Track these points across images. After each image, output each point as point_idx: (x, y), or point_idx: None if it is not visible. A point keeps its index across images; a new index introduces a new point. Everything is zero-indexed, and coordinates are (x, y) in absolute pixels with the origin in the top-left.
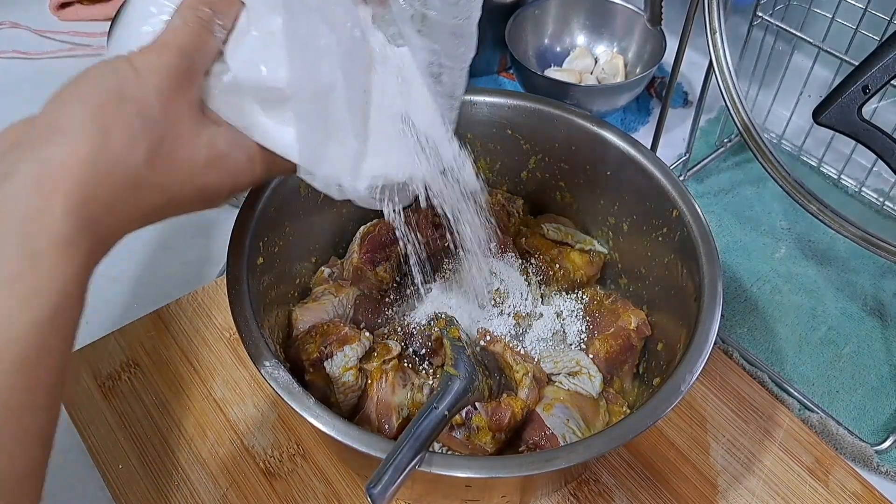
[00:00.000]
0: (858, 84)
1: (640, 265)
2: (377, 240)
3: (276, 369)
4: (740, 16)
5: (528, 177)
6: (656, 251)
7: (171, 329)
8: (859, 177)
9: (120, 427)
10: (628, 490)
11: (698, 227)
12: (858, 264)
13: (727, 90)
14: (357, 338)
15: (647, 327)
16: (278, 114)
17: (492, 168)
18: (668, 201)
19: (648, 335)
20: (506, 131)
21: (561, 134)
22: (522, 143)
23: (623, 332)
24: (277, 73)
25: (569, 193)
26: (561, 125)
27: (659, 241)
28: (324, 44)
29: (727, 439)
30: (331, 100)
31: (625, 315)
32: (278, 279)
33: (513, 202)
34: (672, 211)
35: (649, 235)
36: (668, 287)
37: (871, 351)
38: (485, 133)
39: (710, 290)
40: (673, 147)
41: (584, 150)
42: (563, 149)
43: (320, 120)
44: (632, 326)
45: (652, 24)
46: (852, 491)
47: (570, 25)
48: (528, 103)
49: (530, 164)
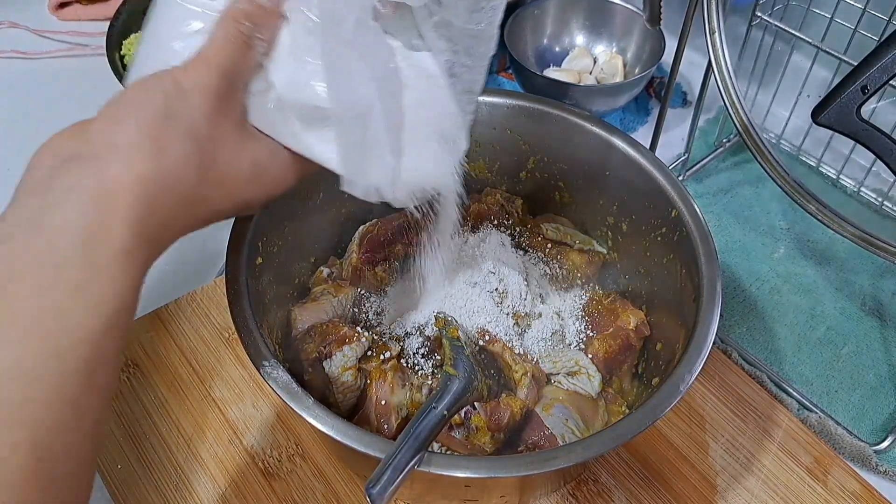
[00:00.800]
0: (857, 84)
1: (640, 265)
2: (376, 240)
3: (274, 369)
4: (739, 16)
5: (527, 177)
6: (655, 251)
7: (170, 329)
8: (858, 177)
9: (118, 427)
10: (627, 490)
11: (697, 227)
12: (857, 264)
13: (726, 90)
14: (356, 338)
15: (645, 327)
16: (320, 130)
17: (491, 168)
18: (667, 201)
19: (647, 335)
20: (505, 131)
21: (560, 134)
22: (521, 144)
23: (622, 332)
24: (320, 93)
25: (568, 193)
26: (560, 125)
27: (658, 241)
28: (360, 72)
29: (726, 439)
30: (370, 120)
31: (624, 315)
32: (277, 279)
33: (511, 202)
34: (671, 211)
35: (648, 235)
36: (667, 287)
37: (869, 351)
38: (484, 133)
39: (710, 289)
40: (672, 147)
41: (583, 150)
42: (562, 149)
43: (360, 138)
44: (631, 326)
45: (651, 24)
46: (851, 491)
47: (569, 25)
48: (526, 103)
49: (529, 164)
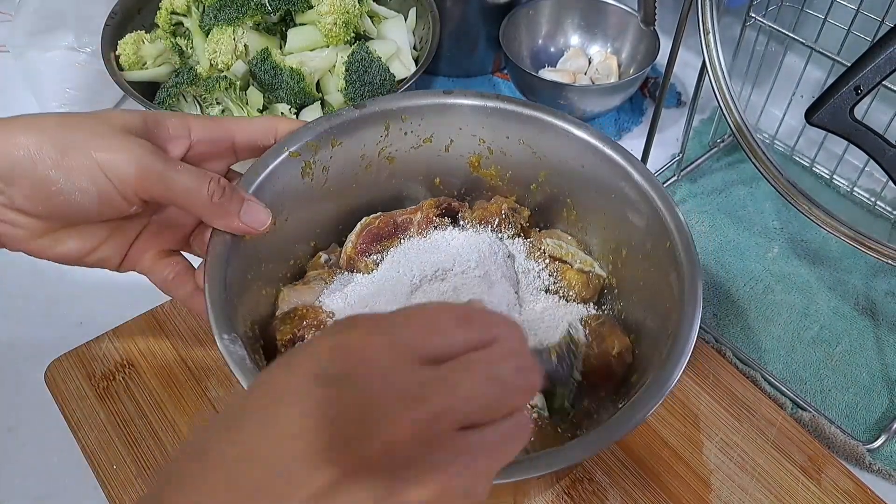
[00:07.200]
0: (850, 84)
1: (635, 292)
2: (375, 232)
3: (234, 343)
4: (733, 16)
5: (537, 189)
6: (650, 280)
7: (166, 329)
8: (851, 177)
9: (114, 427)
10: (622, 489)
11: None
12: (850, 264)
13: (720, 90)
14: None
15: (629, 354)
16: None
17: (502, 176)
18: (664, 232)
19: (628, 363)
20: (519, 141)
21: (572, 151)
22: (534, 155)
23: (605, 355)
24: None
25: (575, 211)
26: (574, 143)
27: (652, 272)
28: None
29: (720, 438)
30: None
31: (609, 339)
32: (268, 256)
33: (518, 213)
34: (667, 243)
35: (644, 264)
36: (655, 316)
37: (862, 350)
38: (498, 140)
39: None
40: (666, 147)
41: (594, 170)
42: (573, 166)
43: None
44: (614, 352)
45: (645, 24)
46: (844, 489)
47: (564, 26)
48: (544, 116)
49: (540, 176)
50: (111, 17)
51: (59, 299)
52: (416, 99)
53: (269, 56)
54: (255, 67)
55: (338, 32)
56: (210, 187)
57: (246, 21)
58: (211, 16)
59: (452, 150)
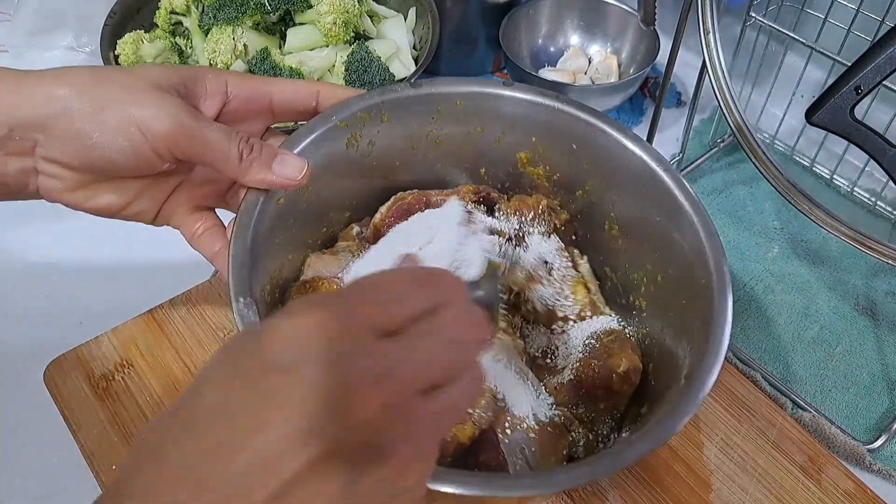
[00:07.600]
0: (851, 84)
1: (664, 321)
2: (405, 208)
3: (248, 308)
4: (733, 16)
5: (582, 195)
6: (680, 313)
7: (165, 329)
8: (851, 177)
9: (114, 427)
10: (622, 489)
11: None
12: (850, 264)
13: (720, 90)
14: None
15: (636, 375)
16: None
17: (549, 177)
18: (705, 275)
19: (635, 385)
20: (570, 145)
21: (627, 167)
22: (584, 163)
23: (607, 370)
24: None
25: (617, 227)
26: (630, 159)
27: (683, 305)
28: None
29: (720, 438)
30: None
31: (617, 356)
32: (300, 222)
33: (556, 213)
34: (704, 281)
35: (677, 296)
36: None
37: (862, 350)
38: (549, 140)
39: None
40: (666, 147)
41: (646, 192)
42: (625, 182)
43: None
44: (620, 369)
45: (645, 23)
46: (845, 489)
47: (563, 25)
48: (602, 125)
49: (587, 184)
50: (110, 17)
51: (59, 299)
52: (474, 86)
53: (268, 56)
54: (255, 67)
55: (337, 32)
56: (240, 146)
57: (245, 21)
58: (210, 15)
59: (503, 143)
